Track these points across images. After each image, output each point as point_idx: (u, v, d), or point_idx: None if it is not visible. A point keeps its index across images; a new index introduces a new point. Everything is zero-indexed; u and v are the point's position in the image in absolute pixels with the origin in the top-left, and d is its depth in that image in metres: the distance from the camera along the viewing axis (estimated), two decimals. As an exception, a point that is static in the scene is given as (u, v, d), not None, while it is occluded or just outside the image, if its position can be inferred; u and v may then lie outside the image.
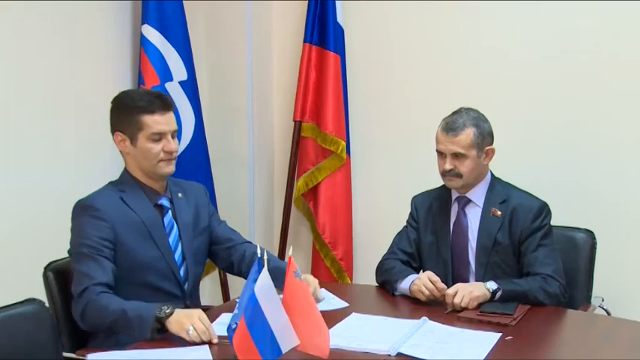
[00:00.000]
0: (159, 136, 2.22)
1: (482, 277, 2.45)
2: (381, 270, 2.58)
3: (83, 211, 2.19)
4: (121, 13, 3.01)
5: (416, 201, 2.68)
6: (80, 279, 2.11)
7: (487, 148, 2.49)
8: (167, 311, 2.01)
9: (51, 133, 2.75)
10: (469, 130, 2.44)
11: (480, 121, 2.48)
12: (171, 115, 2.25)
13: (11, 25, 2.56)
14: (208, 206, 2.47)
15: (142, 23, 2.98)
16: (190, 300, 2.34)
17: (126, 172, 2.30)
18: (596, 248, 2.68)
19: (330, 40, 3.46)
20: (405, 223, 2.69)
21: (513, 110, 3.15)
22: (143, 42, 2.98)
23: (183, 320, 1.99)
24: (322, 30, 3.47)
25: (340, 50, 3.49)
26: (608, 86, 3.01)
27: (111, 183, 2.31)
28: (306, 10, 3.48)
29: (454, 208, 2.56)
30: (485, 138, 2.47)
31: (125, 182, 2.28)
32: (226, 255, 2.46)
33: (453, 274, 2.52)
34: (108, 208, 2.19)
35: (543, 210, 2.49)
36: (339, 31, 3.48)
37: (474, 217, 2.53)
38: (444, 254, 2.55)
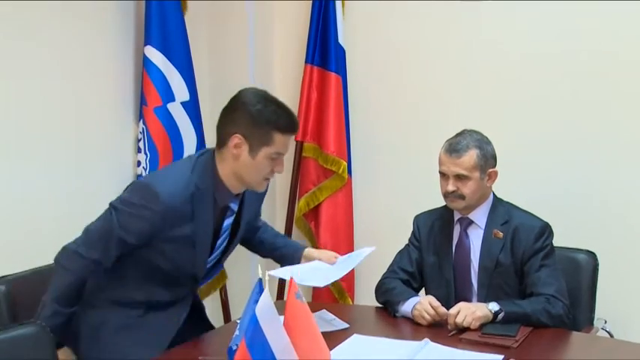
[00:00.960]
0: (278, 157, 2.17)
1: (484, 299, 2.44)
2: (382, 290, 2.57)
3: (150, 200, 2.09)
4: (123, 34, 3.02)
5: (418, 220, 2.68)
6: (90, 254, 2.13)
7: (490, 170, 2.49)
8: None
9: (51, 156, 2.74)
10: (472, 152, 2.44)
11: (483, 144, 2.48)
12: (292, 139, 2.23)
13: (13, 45, 2.57)
14: (266, 191, 2.43)
15: (145, 44, 2.99)
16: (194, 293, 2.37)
17: (211, 163, 2.19)
18: (598, 269, 2.67)
19: (331, 61, 3.48)
20: (406, 242, 2.68)
21: (515, 131, 3.16)
22: (146, 63, 2.99)
23: None
24: (324, 51, 3.49)
25: (342, 71, 3.51)
26: (612, 107, 3.02)
27: (193, 163, 2.19)
28: (308, 31, 3.50)
29: (456, 229, 2.56)
30: (488, 160, 2.48)
31: (205, 175, 2.17)
32: (248, 235, 2.48)
33: (456, 295, 2.51)
34: (171, 207, 2.09)
35: (545, 230, 2.48)
36: (341, 52, 3.50)
37: (476, 238, 2.52)
38: (447, 275, 2.54)
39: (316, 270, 2.40)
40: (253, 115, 2.13)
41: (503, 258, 2.46)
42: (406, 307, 2.41)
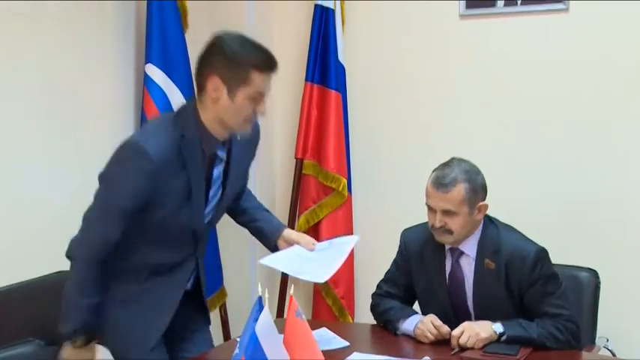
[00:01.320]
0: (258, 96, 2.11)
1: None
2: (378, 311, 2.53)
3: (137, 158, 2.04)
4: (124, 52, 3.03)
5: (405, 239, 2.57)
6: (96, 236, 2.11)
7: (480, 204, 2.35)
8: (77, 342, 2.08)
9: (51, 173, 2.73)
10: (460, 187, 2.30)
11: (472, 175, 2.34)
12: (271, 77, 2.16)
13: (12, 66, 2.57)
14: (256, 148, 2.40)
15: (146, 62, 3.00)
16: (200, 255, 2.31)
17: (193, 111, 2.14)
18: (599, 287, 2.65)
19: (331, 78, 3.49)
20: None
21: (515, 148, 3.17)
22: (146, 80, 3.00)
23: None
24: (324, 69, 3.50)
25: (341, 88, 3.52)
26: (614, 125, 3.04)
27: (173, 118, 2.15)
28: (308, 49, 3.52)
29: (448, 259, 2.45)
30: (478, 193, 2.34)
31: (188, 123, 2.12)
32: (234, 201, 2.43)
33: (455, 318, 2.42)
34: (161, 161, 2.04)
35: (540, 257, 2.34)
36: (341, 70, 3.51)
37: (468, 270, 2.42)
38: (444, 305, 2.44)
39: (305, 260, 2.35)
40: (229, 55, 2.07)
41: (499, 291, 2.36)
42: (407, 325, 2.39)
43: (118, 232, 2.11)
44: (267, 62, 2.10)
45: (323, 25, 3.47)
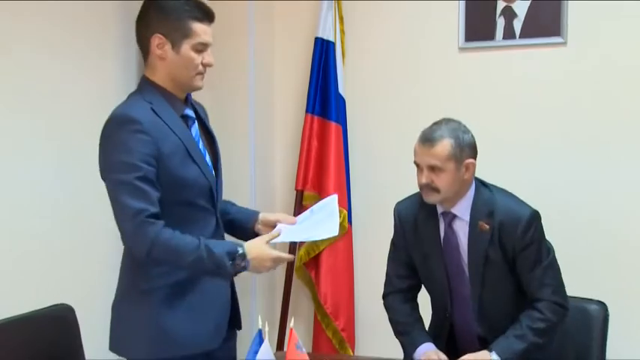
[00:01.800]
0: (203, 47, 2.14)
1: (479, 296, 2.39)
2: (389, 316, 2.59)
3: (124, 125, 2.02)
4: (125, 59, 3.03)
5: (399, 212, 2.59)
6: (132, 212, 1.99)
7: (467, 161, 2.34)
8: (243, 251, 2.06)
9: (52, 188, 2.73)
10: (446, 142, 2.31)
11: (459, 132, 2.34)
12: (211, 28, 2.18)
13: (12, 83, 2.57)
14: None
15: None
16: (218, 212, 2.27)
17: (147, 80, 2.16)
18: (608, 320, 2.64)
19: (332, 110, 3.51)
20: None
21: (515, 186, 3.17)
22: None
23: (262, 263, 2.09)
24: (324, 100, 3.52)
25: (342, 120, 3.53)
26: (616, 160, 3.07)
27: (133, 93, 2.16)
28: (308, 81, 3.54)
29: (442, 224, 2.45)
30: (464, 150, 2.33)
31: (148, 91, 2.13)
32: None
33: (452, 294, 2.46)
34: (148, 121, 2.04)
35: (533, 221, 2.34)
36: (341, 102, 3.53)
37: (462, 233, 2.41)
38: (439, 275, 2.45)
39: (303, 228, 2.33)
40: (167, 10, 2.11)
41: (493, 253, 2.35)
42: (416, 356, 2.42)
43: (152, 199, 2.02)
44: (205, 12, 2.15)
45: (323, 58, 3.50)
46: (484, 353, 2.33)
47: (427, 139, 2.34)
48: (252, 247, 2.12)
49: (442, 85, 3.37)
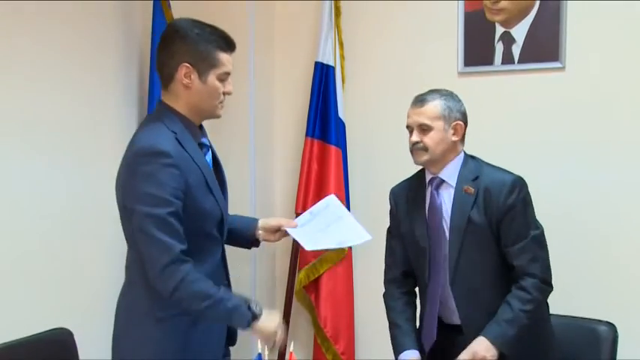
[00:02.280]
0: (226, 77, 2.18)
1: (455, 260, 2.40)
2: (386, 308, 2.66)
3: (154, 157, 2.02)
4: (128, 89, 3.05)
5: (394, 194, 2.66)
6: (166, 248, 2.00)
7: (455, 122, 2.44)
8: (258, 309, 2.07)
9: (55, 231, 2.74)
10: (436, 102, 2.43)
11: (450, 98, 2.46)
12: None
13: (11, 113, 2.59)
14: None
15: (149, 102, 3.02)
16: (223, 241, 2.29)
17: (167, 106, 2.17)
18: (617, 341, 2.63)
19: (331, 134, 3.53)
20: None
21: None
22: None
23: (271, 330, 2.08)
24: (324, 124, 3.55)
25: (342, 144, 3.55)
26: (614, 185, 3.08)
27: (153, 120, 2.16)
28: (308, 105, 3.57)
29: (428, 191, 2.51)
30: (452, 112, 2.44)
31: (170, 120, 2.14)
32: None
33: (429, 258, 2.48)
34: (176, 153, 2.05)
35: (517, 184, 2.39)
36: (341, 126, 3.55)
37: (447, 197, 2.46)
38: (421, 240, 2.49)
39: (322, 232, 2.37)
40: (194, 40, 2.12)
41: (476, 216, 2.38)
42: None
43: (182, 236, 2.04)
44: (230, 42, 2.19)
45: (323, 82, 3.53)
46: (479, 341, 2.32)
47: (418, 100, 2.46)
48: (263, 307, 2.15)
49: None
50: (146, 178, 2.02)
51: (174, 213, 2.02)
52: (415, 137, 2.43)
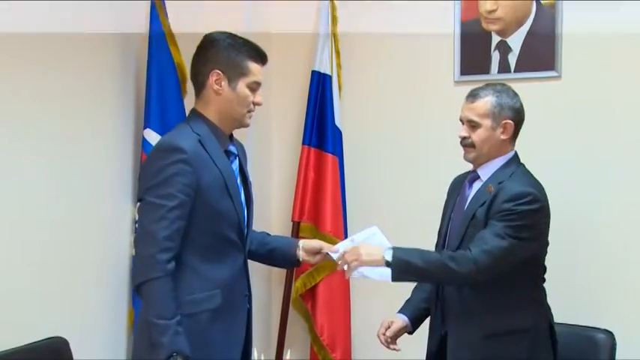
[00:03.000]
0: (256, 86, 2.25)
1: (455, 248, 2.40)
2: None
3: (168, 153, 2.13)
4: (123, 116, 3.06)
5: (453, 180, 2.67)
6: (153, 239, 2.07)
7: (505, 121, 2.40)
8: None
9: (48, 240, 2.72)
10: (487, 99, 2.39)
11: (503, 94, 2.41)
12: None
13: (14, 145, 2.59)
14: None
15: (144, 127, 3.04)
16: (245, 250, 2.33)
17: (197, 113, 2.27)
18: (615, 349, 2.63)
19: (328, 142, 3.53)
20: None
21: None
22: (145, 145, 3.03)
23: None
24: (321, 132, 3.55)
25: (338, 152, 3.56)
26: (609, 193, 3.08)
27: (182, 123, 2.27)
28: (305, 113, 3.57)
29: (465, 183, 2.53)
30: (503, 109, 2.39)
31: (197, 124, 2.24)
32: None
33: (445, 246, 2.49)
34: (193, 152, 2.15)
35: (523, 196, 2.31)
36: (337, 134, 3.56)
37: (475, 191, 2.47)
38: (443, 226, 2.54)
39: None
40: (227, 48, 2.23)
41: (480, 212, 2.37)
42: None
43: (176, 232, 2.10)
44: (261, 53, 2.28)
45: (320, 91, 3.54)
46: (379, 249, 2.33)
47: (471, 94, 2.44)
48: None
49: (438, 119, 3.38)
50: (157, 171, 2.13)
51: (176, 207, 2.10)
52: (463, 132, 2.43)
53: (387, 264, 2.28)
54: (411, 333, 2.60)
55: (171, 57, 3.07)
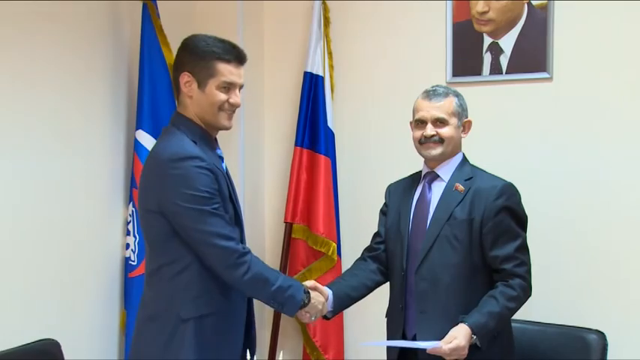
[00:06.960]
0: (228, 87, 2.22)
1: (428, 250, 2.41)
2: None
3: (186, 161, 2.11)
4: (115, 117, 3.06)
5: (390, 188, 2.69)
6: (227, 239, 2.12)
7: (465, 120, 2.50)
8: (307, 297, 2.26)
9: (40, 240, 2.72)
10: (452, 98, 2.47)
11: (461, 96, 2.51)
12: (242, 70, 2.27)
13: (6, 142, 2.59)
14: None
15: (137, 129, 3.03)
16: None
17: (182, 116, 2.24)
18: (607, 350, 2.64)
19: (320, 143, 3.53)
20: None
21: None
22: (137, 146, 3.03)
23: (317, 310, 2.33)
24: (313, 134, 3.55)
25: (331, 153, 3.56)
26: (601, 194, 3.08)
27: (171, 129, 2.23)
28: (298, 115, 3.57)
29: (421, 185, 2.54)
30: (464, 110, 2.50)
31: (188, 129, 2.21)
32: None
33: (408, 248, 2.48)
34: (206, 158, 2.15)
35: (507, 189, 2.42)
36: (330, 135, 3.56)
37: (437, 192, 2.49)
38: (403, 229, 2.52)
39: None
40: (194, 50, 2.20)
41: (459, 212, 2.41)
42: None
43: (233, 225, 2.18)
44: (231, 52, 2.23)
45: (312, 92, 3.54)
46: (460, 328, 2.29)
47: (434, 94, 2.47)
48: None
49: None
50: (182, 180, 2.10)
51: (216, 202, 2.13)
52: (431, 130, 2.44)
53: (477, 347, 2.30)
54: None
55: (163, 58, 3.07)
